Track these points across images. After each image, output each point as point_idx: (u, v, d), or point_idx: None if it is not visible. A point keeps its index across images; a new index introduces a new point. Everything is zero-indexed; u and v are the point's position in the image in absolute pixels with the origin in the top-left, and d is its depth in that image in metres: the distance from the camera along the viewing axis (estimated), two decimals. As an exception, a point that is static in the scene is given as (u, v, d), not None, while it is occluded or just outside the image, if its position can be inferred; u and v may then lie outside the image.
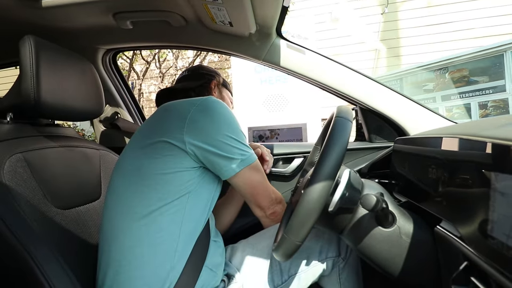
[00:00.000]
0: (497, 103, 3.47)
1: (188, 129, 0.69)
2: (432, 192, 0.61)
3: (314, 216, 0.53)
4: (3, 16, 0.85)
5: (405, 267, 0.61)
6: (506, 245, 0.36)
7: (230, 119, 0.74)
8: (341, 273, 0.83)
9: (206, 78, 1.01)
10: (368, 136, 1.10)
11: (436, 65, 3.95)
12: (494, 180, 0.39)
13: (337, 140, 0.56)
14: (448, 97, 3.87)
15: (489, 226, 0.40)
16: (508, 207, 0.37)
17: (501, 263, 0.38)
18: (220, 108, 0.74)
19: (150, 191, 0.68)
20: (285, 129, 2.79)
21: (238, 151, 0.72)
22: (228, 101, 1.08)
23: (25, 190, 0.63)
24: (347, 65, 1.01)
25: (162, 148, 0.69)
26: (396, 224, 0.62)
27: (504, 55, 3.38)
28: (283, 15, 0.89)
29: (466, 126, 0.68)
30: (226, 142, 0.70)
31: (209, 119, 0.71)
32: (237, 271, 0.79)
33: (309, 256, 0.80)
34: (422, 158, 0.69)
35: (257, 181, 0.77)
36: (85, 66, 0.84)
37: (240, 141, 0.73)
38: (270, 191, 0.80)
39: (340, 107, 0.66)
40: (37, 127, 0.77)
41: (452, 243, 0.51)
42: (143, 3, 0.82)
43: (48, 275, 0.54)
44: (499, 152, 0.40)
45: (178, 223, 0.68)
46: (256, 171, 0.76)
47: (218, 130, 0.71)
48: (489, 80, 3.52)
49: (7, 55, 1.09)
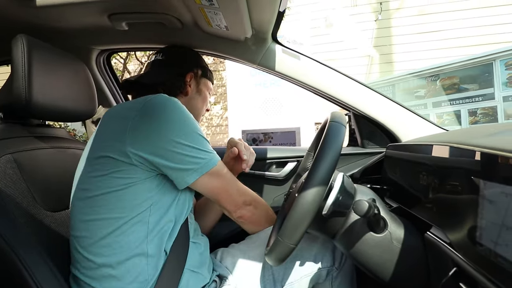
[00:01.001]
0: (486, 110, 3.55)
1: (130, 139, 0.61)
2: (422, 198, 0.62)
3: (308, 218, 0.54)
4: None
5: (396, 272, 0.62)
6: (494, 251, 0.37)
7: (180, 121, 0.65)
8: (333, 281, 0.81)
9: (180, 68, 0.85)
10: (360, 141, 1.11)
11: (428, 72, 4.02)
12: (483, 188, 0.40)
13: (331, 145, 0.57)
14: (439, 103, 3.94)
15: (478, 232, 0.41)
16: (495, 215, 0.37)
17: (489, 269, 0.38)
18: (167, 110, 0.64)
19: (105, 212, 0.62)
20: (278, 132, 2.80)
21: (192, 159, 0.64)
22: (205, 94, 0.92)
23: (14, 192, 0.61)
24: (341, 71, 1.03)
25: (105, 164, 0.62)
26: (388, 230, 0.62)
27: (493, 64, 3.46)
28: (279, 20, 0.90)
29: (456, 134, 0.69)
30: (176, 150, 0.62)
31: (154, 124, 0.62)
32: (229, 272, 0.78)
33: (303, 265, 0.78)
34: (413, 164, 0.70)
35: (217, 187, 0.70)
36: (78, 66, 0.83)
37: (193, 146, 0.64)
38: (236, 194, 0.74)
39: (334, 112, 0.67)
40: (28, 127, 0.76)
41: (442, 249, 0.52)
42: (140, 5, 0.82)
43: (36, 277, 0.53)
44: (488, 161, 0.41)
45: (142, 238, 0.64)
46: (216, 177, 0.69)
47: (165, 136, 0.62)
48: (478, 88, 3.60)
49: (0, 54, 1.07)
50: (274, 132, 2.80)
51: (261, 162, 1.19)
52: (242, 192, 0.76)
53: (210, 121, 5.71)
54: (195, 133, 0.66)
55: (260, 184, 1.18)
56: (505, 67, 3.40)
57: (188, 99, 0.86)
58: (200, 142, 0.66)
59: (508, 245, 0.35)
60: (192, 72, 0.86)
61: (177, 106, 0.66)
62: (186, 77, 0.85)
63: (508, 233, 0.35)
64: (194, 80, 0.87)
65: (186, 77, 0.85)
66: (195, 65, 0.88)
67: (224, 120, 5.56)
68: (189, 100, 0.86)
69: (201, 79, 0.89)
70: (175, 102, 0.66)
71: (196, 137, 0.65)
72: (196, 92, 0.88)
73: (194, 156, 0.64)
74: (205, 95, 0.91)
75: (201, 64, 0.91)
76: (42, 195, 0.67)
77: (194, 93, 0.88)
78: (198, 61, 0.91)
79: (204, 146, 0.67)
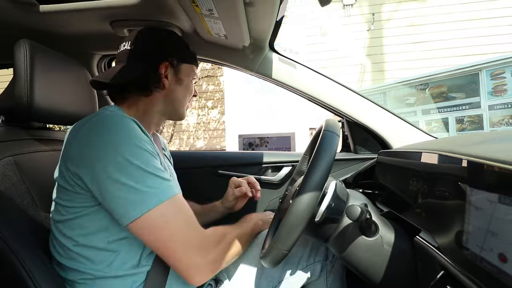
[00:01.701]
0: (472, 118, 3.60)
1: (71, 165, 0.56)
2: (412, 203, 0.63)
3: (302, 226, 0.54)
4: (1, 19, 0.83)
5: (386, 274, 0.62)
6: (480, 256, 0.38)
7: (117, 145, 0.53)
8: (328, 276, 0.82)
9: (151, 59, 0.69)
10: (353, 147, 1.12)
11: (417, 81, 4.08)
12: (469, 195, 0.41)
13: (325, 154, 0.57)
14: (428, 111, 4.00)
15: (464, 237, 0.41)
16: (481, 220, 0.38)
17: (474, 273, 0.39)
18: (101, 132, 0.54)
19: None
20: (274, 137, 2.80)
21: (130, 190, 0.52)
22: (187, 83, 0.75)
23: (14, 193, 0.61)
24: (334, 79, 1.04)
25: (59, 191, 0.58)
26: (379, 234, 0.63)
27: (479, 74, 3.53)
28: (276, 30, 0.91)
29: (444, 142, 0.70)
30: (110, 180, 0.52)
31: (92, 151, 0.54)
32: (226, 277, 0.78)
33: (298, 261, 0.79)
34: (403, 170, 0.71)
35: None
36: (79, 71, 0.83)
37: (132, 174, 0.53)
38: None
39: (328, 120, 0.67)
40: (28, 130, 0.76)
41: (430, 253, 0.53)
42: (141, 13, 0.82)
43: (35, 278, 0.52)
44: (474, 169, 0.42)
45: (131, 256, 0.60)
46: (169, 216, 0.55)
47: (100, 165, 0.53)
48: (465, 97, 3.66)
49: (2, 56, 1.06)
50: (269, 137, 2.81)
51: (257, 167, 1.19)
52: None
53: (208, 125, 5.70)
54: (139, 155, 0.55)
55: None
56: (491, 77, 3.46)
57: (166, 92, 0.72)
58: (143, 167, 0.54)
59: (492, 250, 0.35)
60: (167, 62, 0.70)
61: (115, 122, 0.56)
62: (160, 69, 0.69)
63: (492, 238, 0.36)
64: (171, 69, 0.71)
65: (159, 69, 0.69)
66: (170, 53, 0.71)
67: (221, 124, 5.55)
68: (168, 93, 0.72)
69: (179, 66, 0.73)
70: (114, 118, 0.57)
71: (137, 164, 0.54)
72: (175, 83, 0.73)
73: (133, 188, 0.53)
74: (187, 83, 0.75)
75: (178, 49, 0.73)
76: (41, 198, 0.67)
77: (173, 85, 0.72)
78: (174, 45, 0.73)
79: (150, 169, 0.55)
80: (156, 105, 0.72)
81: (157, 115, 0.74)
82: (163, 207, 0.53)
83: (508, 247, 0.33)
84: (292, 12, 3.19)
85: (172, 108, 0.75)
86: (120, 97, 0.71)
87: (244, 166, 1.20)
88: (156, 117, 0.74)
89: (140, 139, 0.56)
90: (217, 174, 1.20)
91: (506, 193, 0.34)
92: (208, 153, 1.33)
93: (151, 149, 0.58)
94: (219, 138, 5.59)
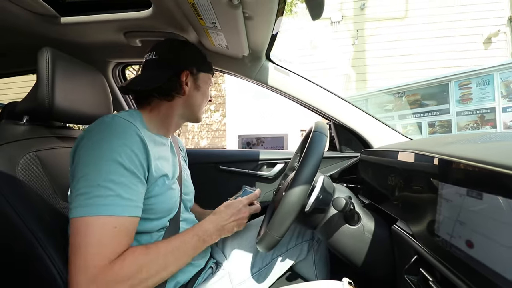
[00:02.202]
0: (442, 123, 3.64)
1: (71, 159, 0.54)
2: (390, 196, 0.63)
3: (293, 215, 0.54)
4: (26, 29, 0.82)
5: (367, 258, 0.63)
6: (449, 242, 0.38)
7: (96, 147, 0.51)
8: (315, 254, 0.84)
9: (173, 68, 0.68)
10: (339, 147, 1.12)
11: (395, 90, 4.10)
12: (440, 188, 0.41)
13: (314, 152, 0.57)
14: (404, 116, 4.02)
15: (436, 226, 0.42)
16: (450, 211, 0.38)
17: (445, 257, 0.39)
18: (93, 133, 0.53)
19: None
20: (269, 137, 2.80)
21: (82, 192, 0.48)
22: (204, 89, 0.75)
23: (37, 185, 0.60)
24: (323, 86, 1.04)
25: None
26: (361, 223, 0.63)
27: (449, 84, 3.56)
28: (272, 42, 0.90)
29: (419, 142, 0.71)
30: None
31: (79, 149, 0.52)
32: (225, 258, 0.77)
33: (288, 241, 0.81)
34: (383, 167, 0.71)
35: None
36: (96, 76, 0.82)
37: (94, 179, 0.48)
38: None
39: (318, 122, 0.67)
40: (50, 129, 0.74)
41: (406, 240, 0.53)
42: (152, 25, 0.81)
43: (56, 262, 0.51)
44: (444, 166, 0.42)
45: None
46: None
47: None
48: (436, 104, 3.69)
49: (27, 63, 1.05)
50: (265, 137, 2.81)
51: (253, 163, 1.19)
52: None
53: (210, 126, 5.69)
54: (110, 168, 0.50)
55: (252, 182, 1.18)
56: (459, 87, 3.50)
57: (186, 97, 0.71)
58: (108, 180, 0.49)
59: (461, 237, 0.35)
60: (188, 71, 0.69)
61: (104, 130, 0.53)
62: (181, 77, 0.68)
63: (461, 227, 0.36)
64: (191, 77, 0.71)
65: (181, 77, 0.68)
66: (190, 63, 0.71)
67: (222, 126, 5.54)
68: (188, 98, 0.71)
69: (198, 75, 0.72)
70: (107, 126, 0.54)
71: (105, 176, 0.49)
72: (194, 89, 0.72)
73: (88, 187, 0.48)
74: (204, 90, 0.75)
75: (197, 60, 0.73)
76: (61, 189, 0.66)
77: (192, 91, 0.72)
78: (193, 56, 0.73)
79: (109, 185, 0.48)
80: (177, 109, 0.70)
81: (177, 118, 0.72)
82: (90, 220, 0.47)
83: (475, 234, 0.33)
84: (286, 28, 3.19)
85: (190, 112, 0.73)
86: (145, 102, 0.69)
87: (242, 163, 1.20)
88: (176, 120, 0.72)
89: (123, 148, 0.51)
90: (219, 170, 1.20)
91: (472, 187, 0.35)
92: (211, 151, 1.33)
93: (132, 161, 0.52)
94: (220, 138, 5.58)
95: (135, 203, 0.51)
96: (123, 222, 0.49)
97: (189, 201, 0.77)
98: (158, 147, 0.64)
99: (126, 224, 0.50)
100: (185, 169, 0.82)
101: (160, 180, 0.59)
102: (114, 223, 0.48)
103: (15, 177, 0.56)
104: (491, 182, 0.32)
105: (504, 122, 3.18)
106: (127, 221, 0.50)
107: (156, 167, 0.58)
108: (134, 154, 0.52)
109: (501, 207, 0.30)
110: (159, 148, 0.65)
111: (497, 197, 0.30)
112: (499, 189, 0.30)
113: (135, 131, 0.55)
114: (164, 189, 0.60)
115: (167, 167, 0.64)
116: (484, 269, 0.31)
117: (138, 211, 0.52)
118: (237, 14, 0.65)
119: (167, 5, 0.70)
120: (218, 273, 0.72)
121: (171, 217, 0.64)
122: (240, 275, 0.74)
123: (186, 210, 0.75)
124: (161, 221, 0.61)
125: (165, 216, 0.62)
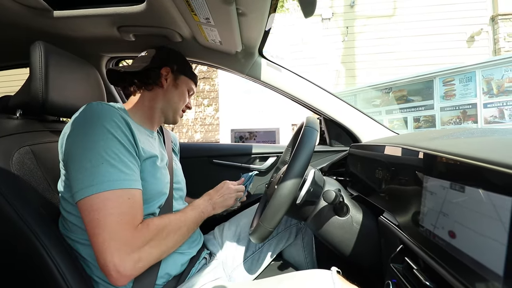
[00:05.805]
0: (427, 118, 3.70)
1: (60, 147, 0.56)
2: (377, 188, 0.64)
3: (285, 207, 0.54)
4: (18, 23, 0.78)
5: (355, 248, 0.64)
6: (432, 233, 0.39)
7: (87, 128, 0.52)
8: (304, 237, 0.87)
9: (156, 61, 0.73)
10: (329, 141, 1.13)
11: (383, 86, 4.14)
12: (425, 181, 0.42)
13: (306, 147, 0.57)
14: (391, 111, 4.08)
15: (420, 217, 0.42)
16: (434, 203, 0.39)
17: (428, 247, 0.40)
18: (80, 117, 0.54)
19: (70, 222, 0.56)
20: (262, 132, 2.80)
21: (84, 173, 0.49)
22: (182, 90, 0.76)
23: (31, 179, 0.58)
24: (314, 82, 1.04)
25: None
26: (349, 214, 0.64)
27: (433, 81, 3.61)
28: (265, 38, 0.89)
29: (405, 137, 0.72)
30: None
31: (69, 133, 0.54)
32: (219, 248, 0.78)
33: (278, 225, 0.82)
34: (371, 161, 0.72)
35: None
36: (89, 71, 0.79)
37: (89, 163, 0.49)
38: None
39: (309, 117, 0.67)
40: (43, 123, 0.72)
41: (391, 230, 0.54)
42: (145, 20, 0.79)
43: (53, 255, 0.50)
44: (428, 160, 0.42)
45: None
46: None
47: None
48: (422, 100, 3.75)
49: (19, 57, 1.00)
50: (258, 132, 2.80)
51: (246, 157, 1.19)
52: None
53: (204, 120, 5.63)
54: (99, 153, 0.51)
55: (245, 175, 1.18)
56: (443, 83, 3.55)
57: (164, 91, 0.73)
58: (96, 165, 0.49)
59: (444, 227, 0.36)
60: (168, 67, 0.73)
61: (89, 118, 0.53)
62: (162, 70, 0.72)
63: (444, 218, 0.37)
64: (172, 75, 0.74)
65: (161, 70, 0.72)
66: (173, 62, 0.75)
67: (215, 120, 5.49)
68: (165, 92, 0.73)
69: (179, 75, 0.76)
70: (91, 113, 0.54)
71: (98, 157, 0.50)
72: (172, 86, 0.74)
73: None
74: (182, 91, 0.76)
75: (181, 63, 0.77)
76: (55, 182, 0.64)
77: (170, 87, 0.74)
78: (179, 59, 0.78)
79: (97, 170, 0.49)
80: (157, 102, 0.73)
81: (159, 112, 0.74)
82: (105, 195, 0.48)
83: (457, 225, 0.34)
84: (278, 25, 3.15)
85: (169, 108, 0.74)
86: (130, 93, 0.73)
87: (235, 156, 1.19)
88: (158, 114, 0.74)
89: (112, 125, 0.52)
90: (212, 163, 1.19)
91: (455, 180, 0.35)
92: (204, 145, 1.31)
93: (123, 137, 0.53)
94: (213, 132, 5.54)
95: (137, 177, 0.54)
96: (134, 193, 0.52)
97: (181, 189, 0.76)
98: (143, 136, 0.66)
99: (137, 195, 0.53)
100: (176, 161, 0.83)
101: (148, 161, 0.60)
102: (127, 195, 0.50)
103: (10, 171, 0.54)
104: (472, 176, 0.33)
105: (485, 117, 3.26)
106: (137, 193, 0.53)
107: (143, 149, 0.59)
108: (123, 133, 0.54)
109: (481, 200, 0.30)
110: (144, 136, 0.67)
111: (478, 190, 0.31)
112: (479, 183, 0.31)
113: (120, 114, 0.56)
114: (153, 170, 0.60)
115: (155, 152, 0.64)
116: (465, 258, 0.32)
117: (140, 184, 0.55)
118: (231, 10, 0.64)
119: (161, 0, 0.68)
120: (212, 263, 0.73)
121: (161, 202, 0.63)
122: (232, 262, 0.75)
123: (180, 199, 0.74)
124: (151, 205, 0.60)
125: (155, 200, 0.61)
